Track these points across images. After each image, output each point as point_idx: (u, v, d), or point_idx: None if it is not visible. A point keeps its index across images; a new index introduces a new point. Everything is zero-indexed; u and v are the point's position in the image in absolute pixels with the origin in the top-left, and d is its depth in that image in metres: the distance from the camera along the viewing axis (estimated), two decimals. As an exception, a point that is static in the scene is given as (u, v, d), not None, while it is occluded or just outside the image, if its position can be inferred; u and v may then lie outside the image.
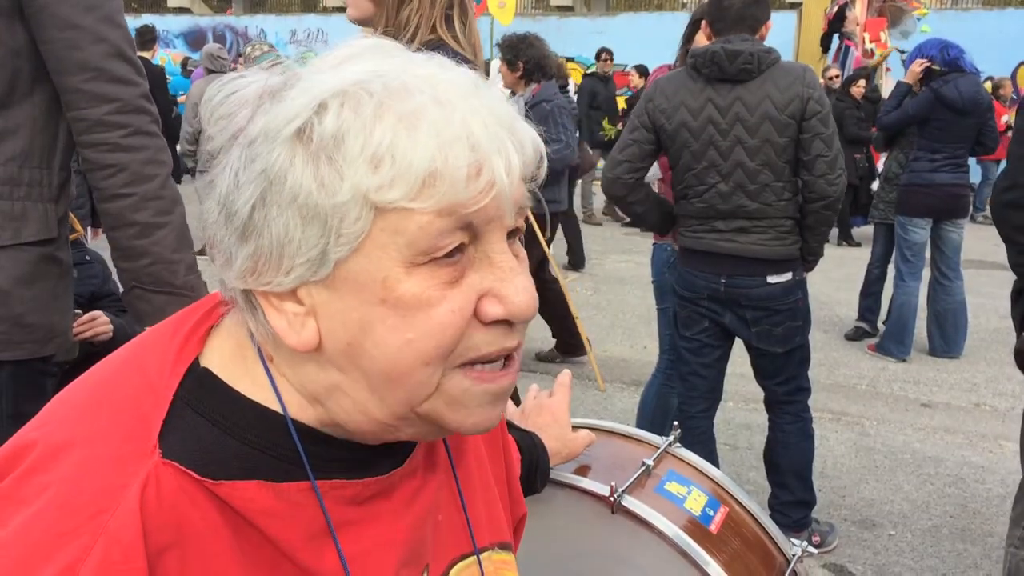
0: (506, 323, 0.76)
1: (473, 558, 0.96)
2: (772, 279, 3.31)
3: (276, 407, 0.78)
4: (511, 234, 0.78)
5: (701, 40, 3.66)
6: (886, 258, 6.67)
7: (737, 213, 3.28)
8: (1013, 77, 16.87)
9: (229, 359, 0.81)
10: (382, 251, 0.71)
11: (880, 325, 6.79)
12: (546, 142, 0.80)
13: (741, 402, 5.19)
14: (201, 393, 0.78)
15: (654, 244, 3.93)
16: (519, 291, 0.75)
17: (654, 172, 3.81)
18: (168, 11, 24.25)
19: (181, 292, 1.84)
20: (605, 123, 11.92)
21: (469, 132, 0.71)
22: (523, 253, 0.81)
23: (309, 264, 0.73)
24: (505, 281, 0.75)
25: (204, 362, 0.80)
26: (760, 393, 3.70)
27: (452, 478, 0.96)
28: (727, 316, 3.42)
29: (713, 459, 3.64)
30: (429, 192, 0.70)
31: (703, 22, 3.46)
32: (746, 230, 3.29)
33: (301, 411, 0.79)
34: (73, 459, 0.71)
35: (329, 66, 0.76)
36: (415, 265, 0.72)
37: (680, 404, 3.70)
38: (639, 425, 3.89)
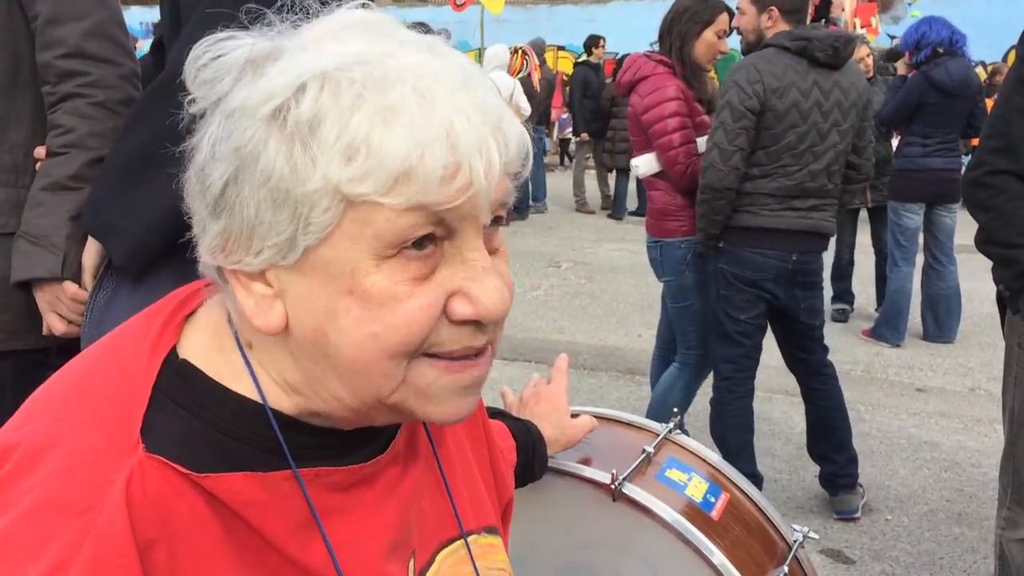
0: (475, 323, 0.74)
1: (460, 542, 0.95)
2: (824, 254, 3.60)
3: (255, 396, 0.77)
4: (491, 223, 0.76)
5: (708, 37, 3.65)
6: (854, 244, 6.88)
7: (818, 192, 3.46)
8: (1004, 61, 16.86)
9: (207, 348, 0.79)
10: (351, 242, 0.70)
11: (874, 312, 6.81)
12: None
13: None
14: (181, 385, 0.76)
15: (662, 241, 3.81)
16: (489, 292, 0.73)
17: (652, 165, 3.76)
18: (155, 2, 24.12)
19: (54, 249, 1.76)
20: None
21: (450, 131, 0.69)
22: (503, 246, 0.79)
23: (278, 248, 0.71)
24: (476, 280, 0.73)
25: (182, 352, 0.79)
26: (764, 381, 3.74)
27: (434, 464, 0.96)
28: (783, 294, 3.56)
29: (751, 437, 3.77)
30: (401, 189, 0.68)
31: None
32: (817, 208, 3.48)
33: (279, 400, 0.78)
34: (55, 458, 0.69)
35: (314, 40, 0.73)
36: (384, 258, 0.70)
37: (727, 386, 3.75)
38: (654, 419, 3.90)
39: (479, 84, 0.74)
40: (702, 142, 3.61)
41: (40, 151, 1.84)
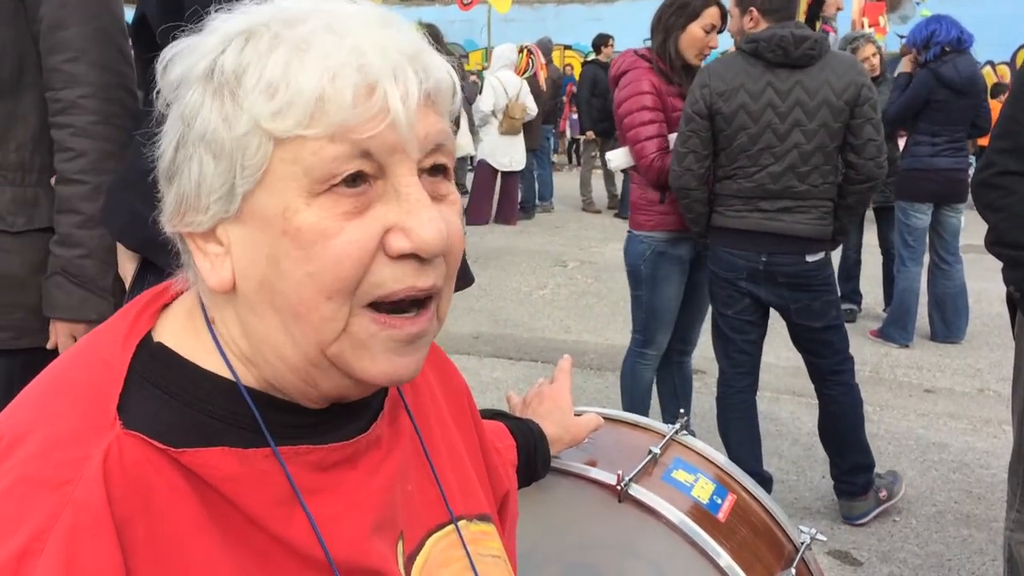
0: (417, 259, 0.75)
1: (450, 527, 0.95)
2: (809, 258, 3.47)
3: (228, 375, 0.78)
4: (434, 171, 0.78)
5: (694, 31, 3.62)
6: (860, 244, 6.85)
7: (785, 194, 3.40)
8: (1012, 61, 16.81)
9: (181, 331, 0.81)
10: (283, 182, 0.72)
11: (882, 312, 6.78)
12: None
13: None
14: (156, 366, 0.78)
15: (629, 233, 3.91)
16: (424, 223, 0.74)
17: (625, 160, 3.80)
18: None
19: (103, 294, 1.78)
20: None
21: (359, 55, 0.72)
22: (453, 194, 0.80)
23: (221, 201, 0.74)
24: (411, 213, 0.74)
25: (157, 336, 0.80)
26: (772, 381, 3.70)
27: (419, 449, 0.96)
28: (764, 292, 3.53)
29: (756, 434, 3.75)
30: (319, 117, 0.71)
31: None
32: (790, 210, 3.41)
33: (245, 375, 0.79)
34: (33, 441, 0.70)
35: (244, 10, 0.77)
36: (314, 195, 0.72)
37: (724, 381, 3.77)
38: (622, 401, 4.00)
39: (398, 25, 0.77)
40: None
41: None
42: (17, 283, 1.80)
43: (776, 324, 3.74)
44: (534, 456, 1.37)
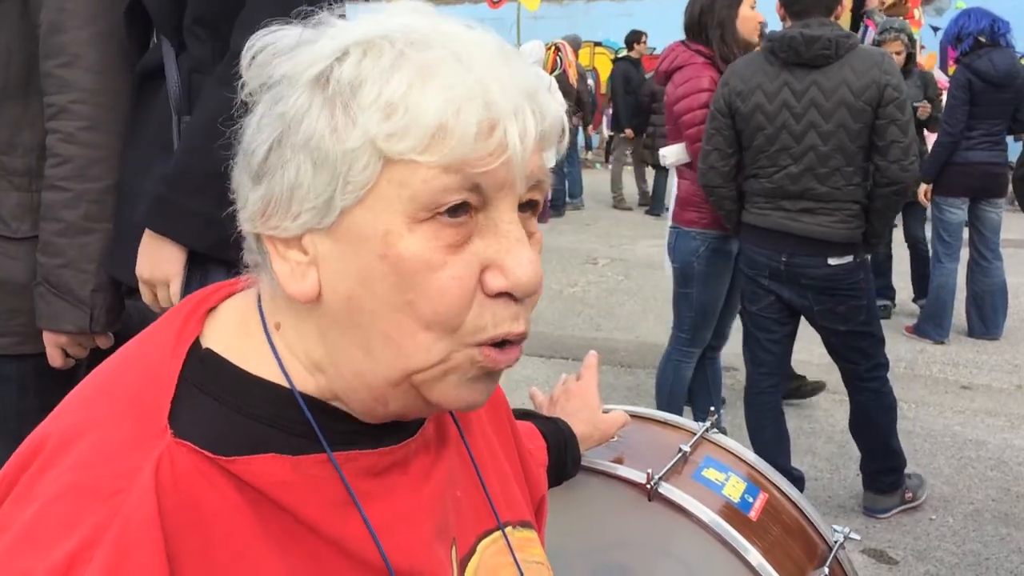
0: (511, 296, 0.75)
1: (498, 533, 0.95)
2: (833, 261, 3.35)
3: (281, 381, 0.77)
4: (525, 207, 0.77)
5: (745, 12, 3.60)
6: (891, 239, 6.73)
7: (805, 195, 3.32)
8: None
9: (231, 336, 0.80)
10: (386, 204, 0.71)
11: (916, 305, 6.70)
12: None
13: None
14: (206, 373, 0.77)
15: (677, 229, 3.85)
16: (522, 263, 0.73)
17: (680, 155, 3.78)
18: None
19: (79, 305, 1.75)
20: None
21: (485, 90, 0.70)
22: (539, 233, 0.80)
23: (315, 211, 0.72)
24: (510, 252, 0.73)
25: (205, 342, 0.79)
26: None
27: (465, 455, 0.95)
28: (787, 292, 3.47)
29: (783, 434, 3.71)
30: (438, 146, 0.69)
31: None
32: (812, 211, 3.33)
33: (303, 382, 0.78)
34: (83, 447, 0.70)
35: (363, 20, 0.75)
36: (417, 221, 0.71)
37: (750, 380, 3.73)
38: (657, 399, 3.97)
39: (516, 58, 0.76)
40: None
41: None
42: (18, 289, 1.79)
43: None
44: (564, 456, 1.36)
